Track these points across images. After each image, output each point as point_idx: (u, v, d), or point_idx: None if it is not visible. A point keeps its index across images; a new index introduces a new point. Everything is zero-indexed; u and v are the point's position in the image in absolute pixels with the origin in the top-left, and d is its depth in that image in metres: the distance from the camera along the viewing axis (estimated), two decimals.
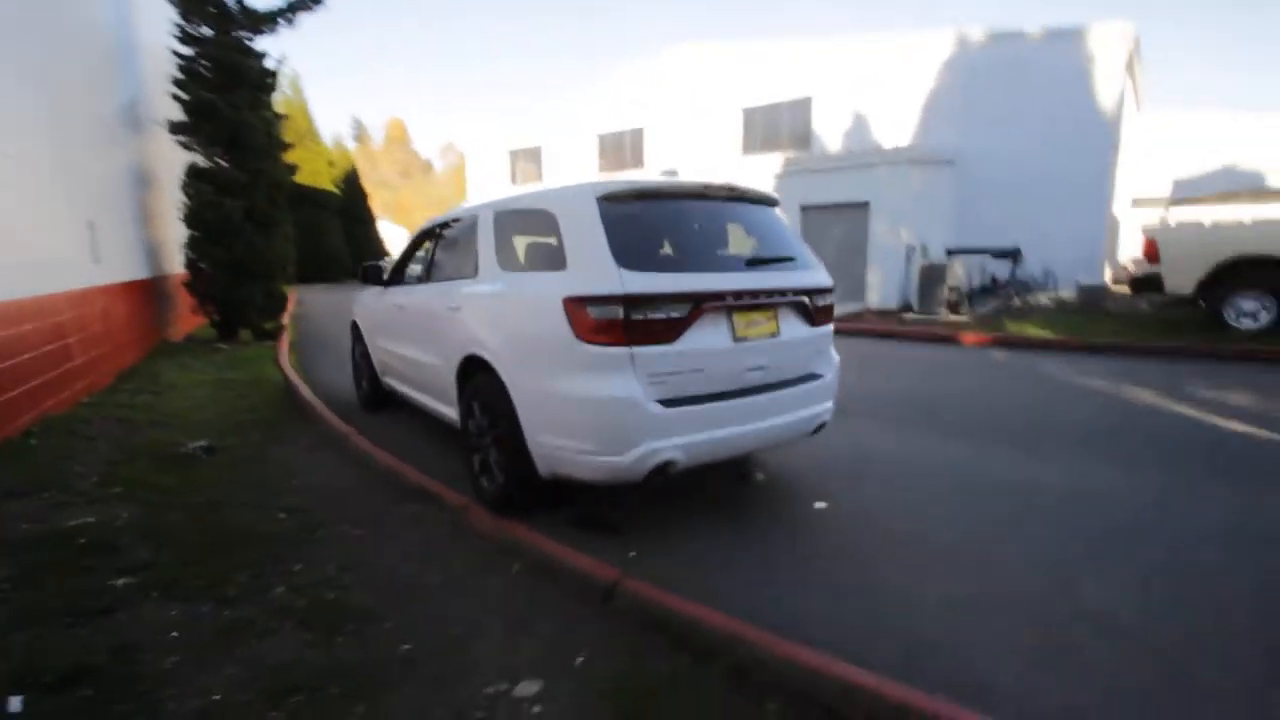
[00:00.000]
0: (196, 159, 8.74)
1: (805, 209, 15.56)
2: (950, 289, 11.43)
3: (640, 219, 2.91)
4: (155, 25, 8.86)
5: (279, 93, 11.15)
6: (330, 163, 31.44)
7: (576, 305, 2.73)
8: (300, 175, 16.47)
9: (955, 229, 15.53)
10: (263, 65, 8.96)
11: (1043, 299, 13.59)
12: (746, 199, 3.34)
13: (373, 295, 5.30)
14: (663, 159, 21.45)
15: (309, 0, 8.89)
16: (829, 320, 3.48)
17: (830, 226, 15.30)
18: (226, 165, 8.62)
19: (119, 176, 7.47)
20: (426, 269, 4.37)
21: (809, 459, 4.03)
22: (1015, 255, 13.84)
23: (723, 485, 3.63)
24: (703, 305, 2.83)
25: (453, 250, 4.22)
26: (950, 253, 13.46)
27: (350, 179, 33.61)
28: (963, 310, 11.43)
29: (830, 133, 17.95)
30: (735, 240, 3.18)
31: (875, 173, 14.39)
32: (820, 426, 3.44)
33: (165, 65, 8.60)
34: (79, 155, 6.21)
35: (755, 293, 3.01)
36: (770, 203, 3.49)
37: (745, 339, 3.00)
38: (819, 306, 3.36)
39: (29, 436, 4.33)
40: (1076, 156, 14.95)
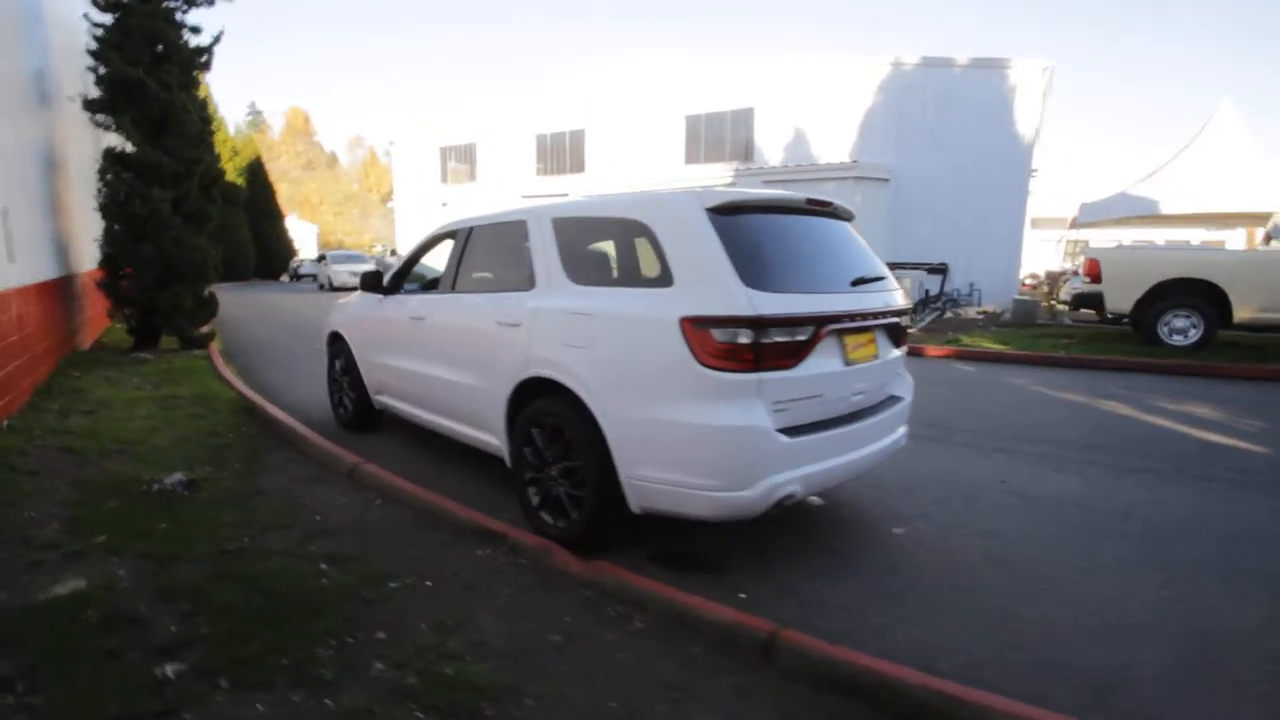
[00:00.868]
0: (115, 141, 7.67)
1: None
2: None
3: (748, 233, 2.70)
4: None
5: None
6: (235, 151, 28.95)
7: (698, 327, 2.49)
8: None
9: (891, 244, 16.28)
10: (196, 41, 7.99)
11: (970, 313, 14.48)
12: (836, 214, 3.21)
13: (367, 304, 4.77)
14: (604, 161, 21.25)
15: None
16: (906, 341, 3.42)
17: None
18: (153, 151, 7.60)
19: (29, 157, 6.40)
20: (453, 277, 3.95)
21: (857, 480, 3.95)
22: (944, 271, 14.66)
23: (785, 512, 3.48)
24: (823, 328, 2.67)
25: (491, 259, 3.84)
26: (890, 267, 14.07)
27: (254, 170, 31.16)
28: (916, 324, 11.94)
29: (772, 145, 18.40)
30: (829, 257, 3.04)
31: (825, 187, 14.84)
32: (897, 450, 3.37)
33: (75, 38, 7.49)
34: None
35: (865, 314, 2.89)
36: (850, 218, 3.39)
37: (854, 362, 2.87)
38: (903, 327, 3.31)
39: None
40: (998, 179, 16.05)
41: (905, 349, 3.40)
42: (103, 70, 7.31)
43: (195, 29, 7.95)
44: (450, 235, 4.32)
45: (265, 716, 1.84)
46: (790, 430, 2.60)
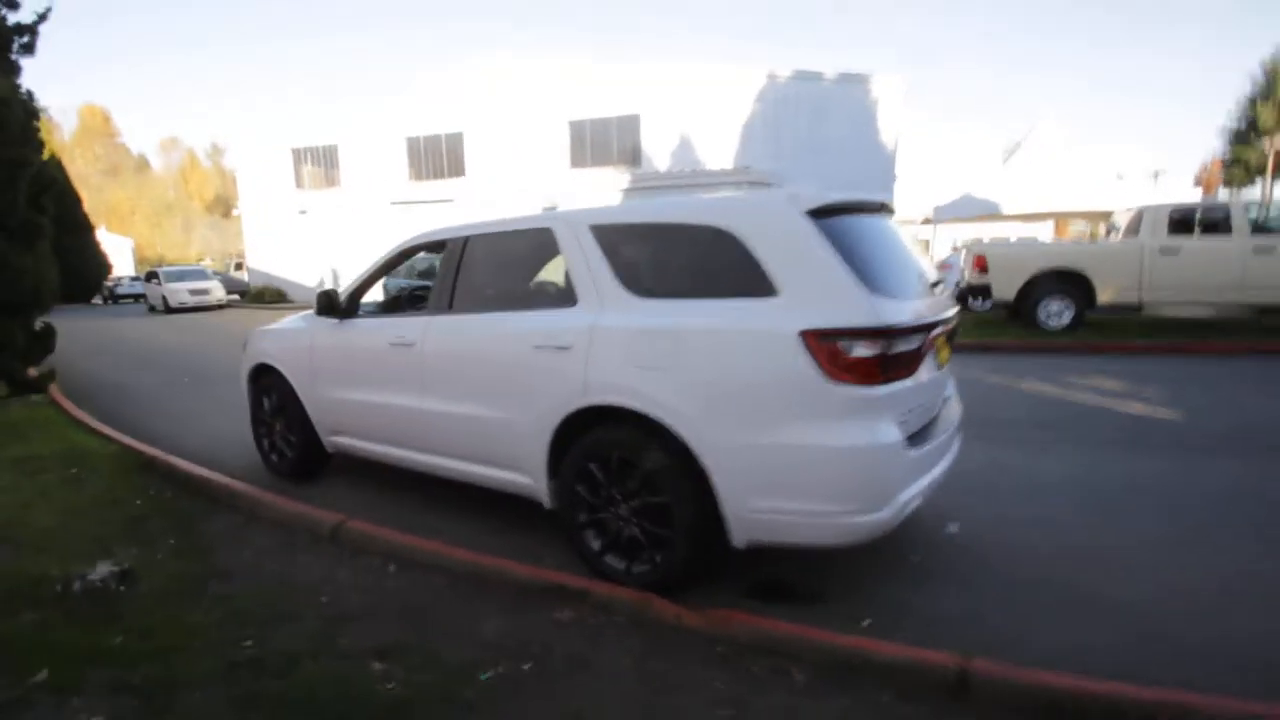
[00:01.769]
0: None
1: None
2: None
3: (844, 236, 2.52)
4: None
5: None
6: None
7: (824, 339, 2.27)
8: None
9: None
10: (14, 18, 6.43)
11: None
12: (890, 213, 3.14)
13: (317, 330, 4.02)
14: (485, 166, 20.34)
15: None
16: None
17: None
18: None
19: None
20: (448, 296, 3.39)
21: None
22: None
23: None
24: (930, 334, 2.56)
25: (502, 273, 3.36)
26: None
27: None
28: None
29: (660, 151, 18.61)
30: (903, 259, 2.93)
31: (719, 191, 15.21)
32: None
33: None
34: None
35: (948, 318, 2.83)
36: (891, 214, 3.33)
37: (941, 368, 2.80)
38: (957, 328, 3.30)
39: None
40: (865, 183, 17.40)
41: None
42: None
43: (12, 3, 6.40)
44: (431, 247, 3.75)
45: None
46: (909, 442, 2.47)
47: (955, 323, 3.15)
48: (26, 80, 6.69)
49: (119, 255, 40.87)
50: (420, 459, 3.57)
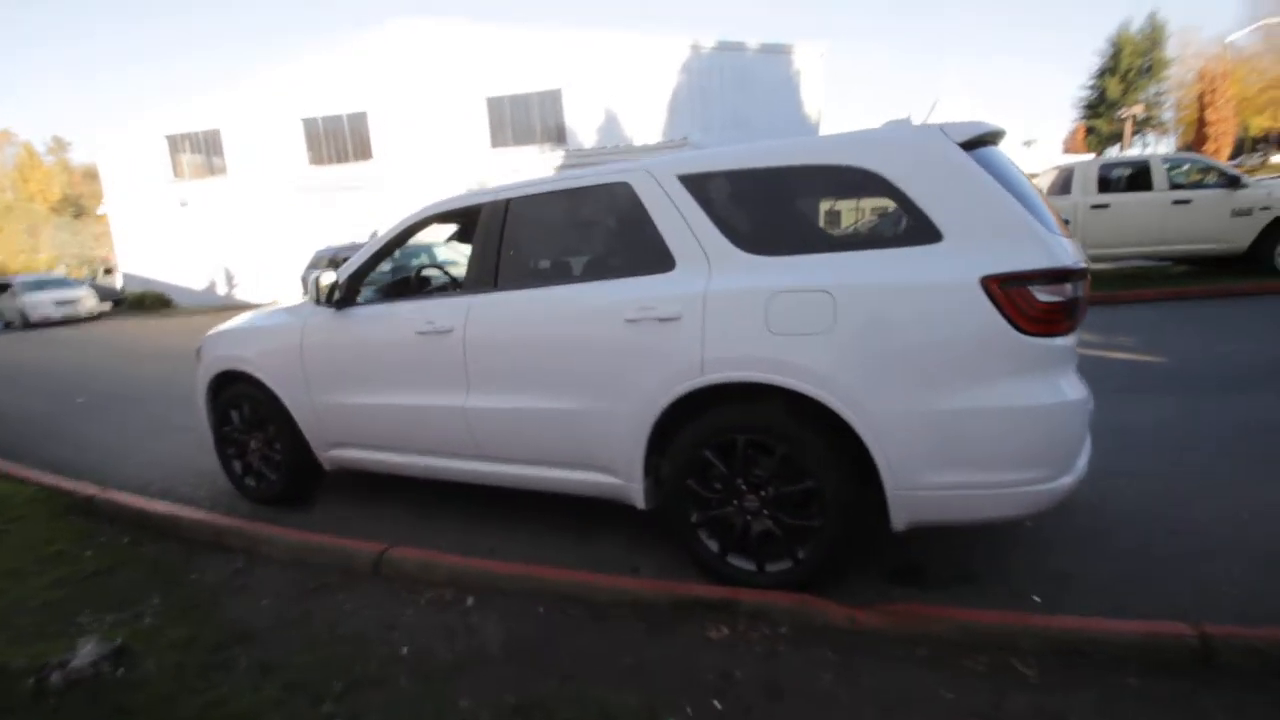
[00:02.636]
0: None
1: None
2: None
3: (995, 170, 2.24)
4: None
5: None
6: None
7: (1010, 285, 1.99)
8: None
9: None
10: None
11: None
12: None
13: (312, 324, 3.33)
14: (395, 148, 18.92)
15: None
16: None
17: None
18: None
19: None
20: (492, 270, 2.85)
21: None
22: None
23: None
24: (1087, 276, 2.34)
25: (563, 240, 2.87)
26: None
27: None
28: None
29: (585, 127, 17.99)
30: (1035, 195, 2.64)
31: None
32: None
33: None
34: None
35: None
36: None
37: None
38: None
39: None
40: None
41: None
42: None
43: None
44: (457, 216, 3.19)
45: None
46: None
47: None
48: None
49: None
50: (460, 467, 3.04)
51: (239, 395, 3.65)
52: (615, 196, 2.66)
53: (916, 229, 2.13)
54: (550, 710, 1.81)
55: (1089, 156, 25.88)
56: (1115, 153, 36.75)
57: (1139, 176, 9.31)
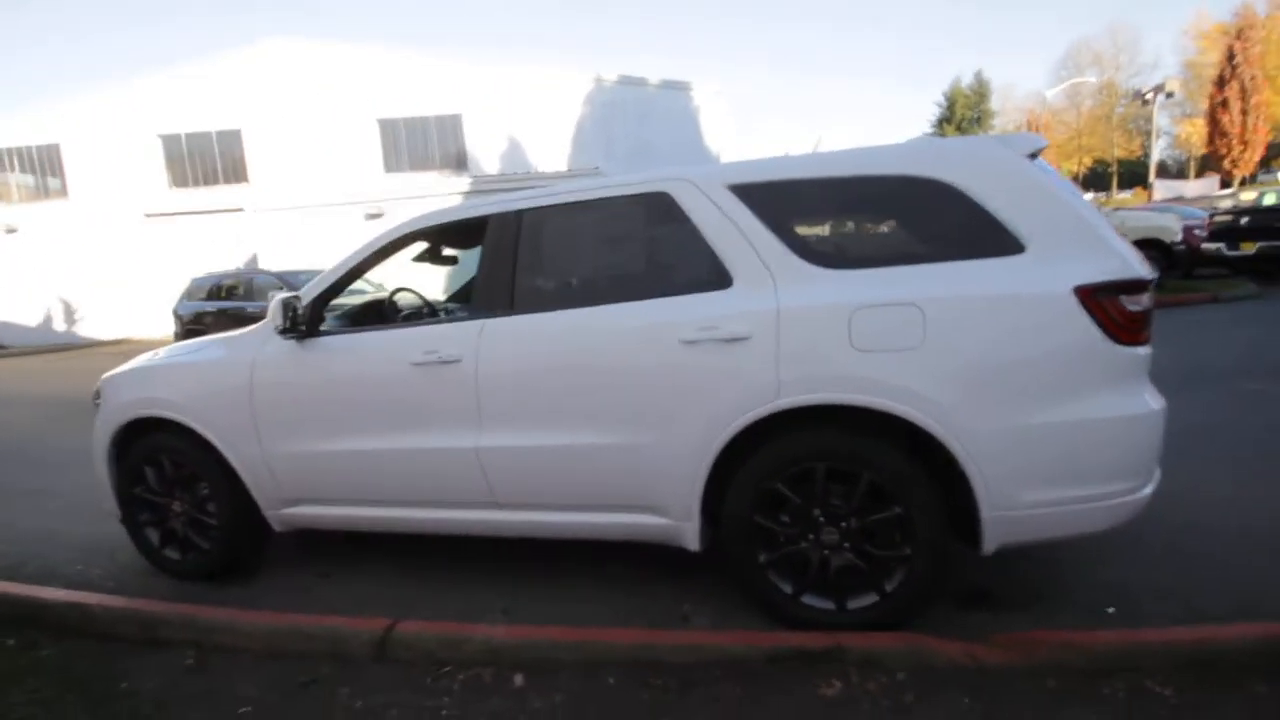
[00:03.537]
0: None
1: None
2: None
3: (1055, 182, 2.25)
4: None
5: None
6: None
7: (1102, 295, 1.97)
8: None
9: None
10: None
11: None
12: None
13: (267, 358, 2.77)
14: (275, 170, 17.41)
15: None
16: None
17: None
18: None
19: None
20: (507, 290, 2.49)
21: None
22: None
23: None
24: None
25: (592, 256, 2.57)
26: None
27: None
28: None
29: (488, 154, 17.54)
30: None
31: None
32: None
33: None
34: None
35: None
36: None
37: None
38: None
39: None
40: None
41: None
42: None
43: None
44: (448, 231, 2.80)
45: None
46: None
47: None
48: None
49: None
50: (467, 519, 2.61)
51: (156, 448, 2.98)
52: (651, 208, 2.43)
53: (995, 240, 2.07)
54: None
55: None
56: None
57: None
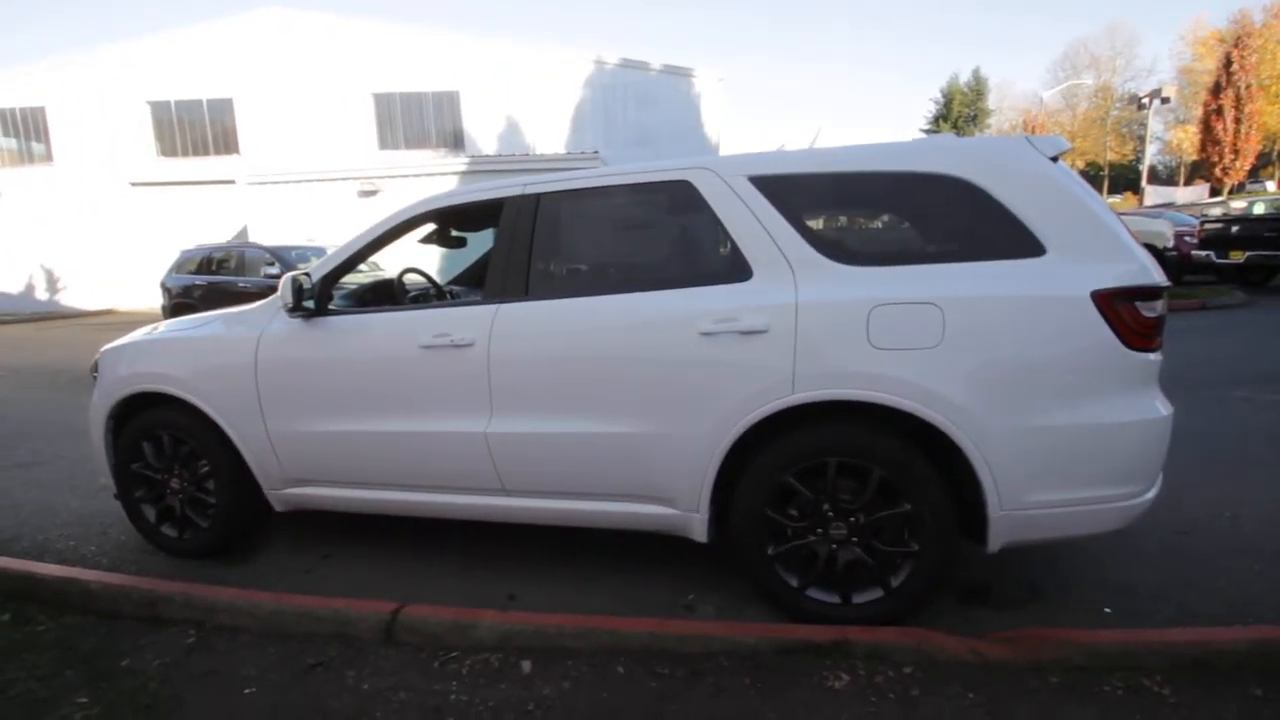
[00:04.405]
0: None
1: None
2: None
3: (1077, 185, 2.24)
4: None
5: None
6: None
7: (1120, 301, 1.99)
8: None
9: None
10: None
11: None
12: None
13: (273, 335, 2.73)
14: (267, 140, 17.10)
15: None
16: None
17: None
18: None
19: None
20: (522, 275, 2.47)
21: None
22: None
23: None
24: None
25: (609, 243, 2.55)
26: None
27: None
28: None
29: (484, 133, 17.33)
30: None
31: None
32: None
33: None
34: None
35: None
36: None
37: None
38: None
39: None
40: None
41: None
42: None
43: None
44: (461, 213, 2.77)
45: None
46: None
47: None
48: None
49: None
50: (473, 504, 2.61)
51: (155, 424, 2.94)
52: (672, 196, 2.42)
53: (1016, 241, 2.08)
54: None
55: None
56: None
57: None
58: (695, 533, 2.35)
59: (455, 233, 3.39)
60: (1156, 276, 2.04)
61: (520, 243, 2.50)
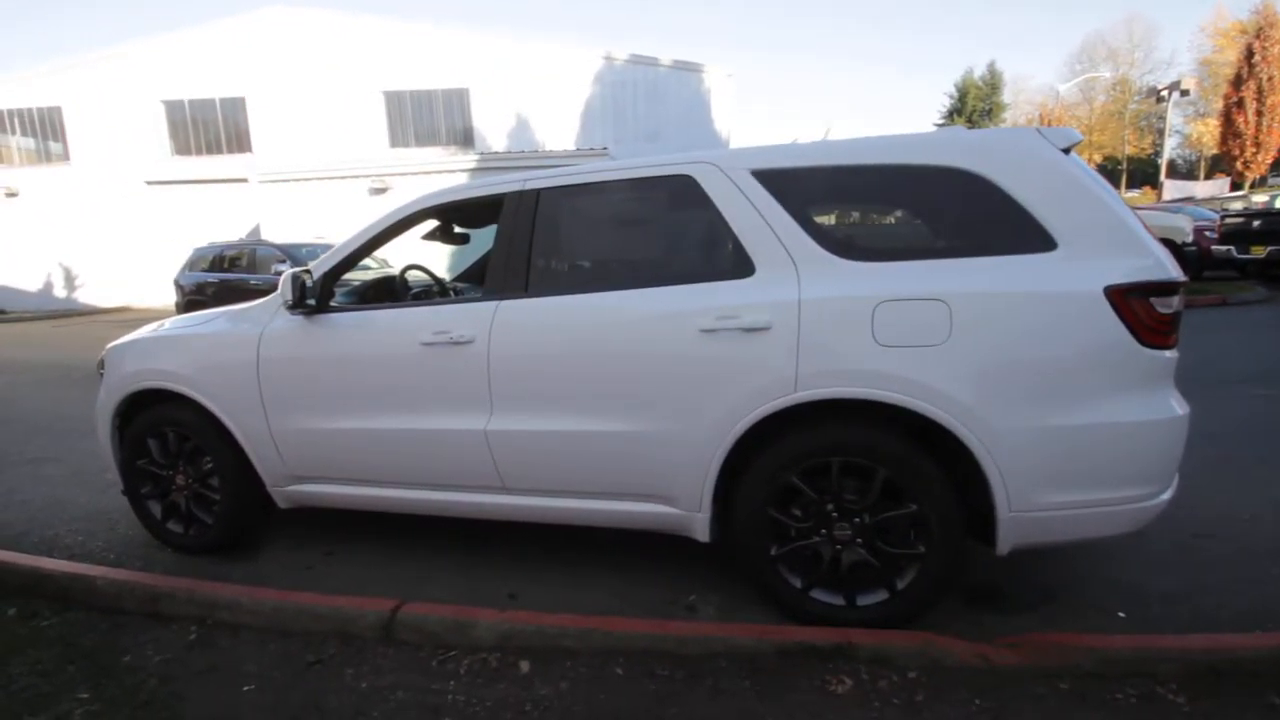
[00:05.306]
0: None
1: None
2: None
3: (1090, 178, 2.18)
4: None
5: None
6: None
7: (1134, 296, 1.93)
8: None
9: None
10: None
11: None
12: None
13: (275, 333, 2.73)
14: (278, 138, 17.21)
15: None
16: None
17: None
18: None
19: None
20: (522, 272, 2.44)
21: None
22: None
23: None
24: None
25: (609, 239, 2.52)
26: None
27: None
28: None
29: (494, 130, 17.33)
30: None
31: None
32: None
33: None
34: None
35: None
36: None
37: None
38: None
39: None
40: None
41: None
42: None
43: None
44: (461, 208, 2.74)
45: None
46: None
47: None
48: None
49: None
50: (473, 502, 2.59)
51: (160, 420, 2.95)
52: (674, 191, 2.38)
53: (1027, 235, 2.02)
54: None
55: None
56: None
57: None
58: (697, 532, 2.32)
59: (457, 229, 3.37)
60: (1172, 271, 1.98)
61: (520, 239, 2.48)
